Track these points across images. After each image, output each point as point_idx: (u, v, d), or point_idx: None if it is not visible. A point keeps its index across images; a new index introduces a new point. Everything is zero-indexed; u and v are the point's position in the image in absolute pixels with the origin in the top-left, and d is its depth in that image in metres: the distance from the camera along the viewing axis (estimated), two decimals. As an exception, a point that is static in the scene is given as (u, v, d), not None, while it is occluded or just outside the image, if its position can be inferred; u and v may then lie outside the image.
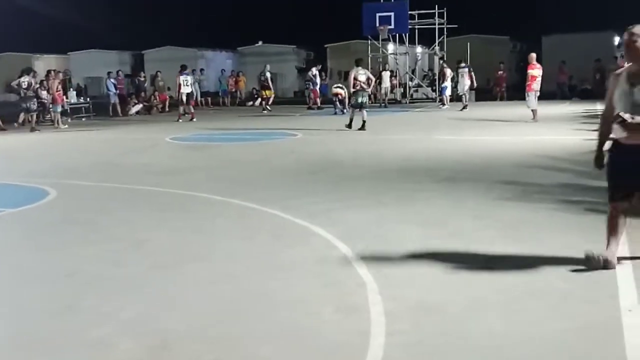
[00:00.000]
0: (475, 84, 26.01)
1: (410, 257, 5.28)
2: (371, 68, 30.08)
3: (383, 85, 27.87)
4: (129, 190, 8.94)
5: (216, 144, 15.38)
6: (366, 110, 16.88)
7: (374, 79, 18.43)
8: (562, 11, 49.05)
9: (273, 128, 18.61)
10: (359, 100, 16.64)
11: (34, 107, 20.14)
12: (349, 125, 16.49)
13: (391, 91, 29.44)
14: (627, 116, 4.57)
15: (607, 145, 4.96)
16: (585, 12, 44.84)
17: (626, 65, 4.96)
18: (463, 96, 24.57)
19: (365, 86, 16.83)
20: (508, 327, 3.80)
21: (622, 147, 4.75)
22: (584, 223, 6.16)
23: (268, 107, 26.21)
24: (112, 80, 26.31)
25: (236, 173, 10.26)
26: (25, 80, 20.03)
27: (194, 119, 21.71)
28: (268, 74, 26.56)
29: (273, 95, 27.08)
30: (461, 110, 22.62)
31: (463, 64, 25.53)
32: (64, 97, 23.48)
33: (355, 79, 16.78)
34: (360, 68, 17.24)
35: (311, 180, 9.26)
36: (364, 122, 16.28)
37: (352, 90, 17.04)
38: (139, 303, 4.44)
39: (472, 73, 25.39)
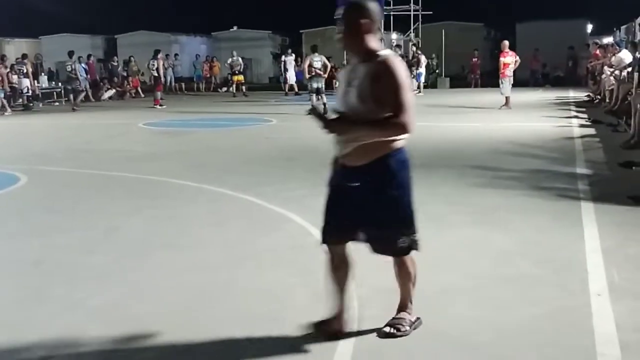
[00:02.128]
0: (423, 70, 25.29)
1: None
2: (346, 54, 30.13)
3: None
4: (101, 176, 8.84)
5: (190, 129, 15.26)
6: (326, 95, 17.11)
7: (329, 66, 18.59)
8: (536, -1, 49.35)
9: (248, 114, 18.51)
10: (314, 85, 17.02)
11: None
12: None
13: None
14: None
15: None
16: (558, 0, 45.17)
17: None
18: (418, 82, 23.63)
19: (320, 72, 17.16)
20: (478, 312, 3.83)
21: (336, 167, 3.52)
22: (555, 208, 6.23)
23: (244, 91, 26.34)
24: (83, 65, 25.90)
25: (210, 159, 10.19)
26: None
27: (157, 106, 21.34)
28: (240, 60, 26.80)
29: (241, 82, 27.03)
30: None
31: (399, 52, 24.49)
32: (35, 81, 23.13)
33: (310, 65, 17.21)
34: (315, 54, 17.54)
35: (286, 166, 9.23)
36: (324, 104, 16.26)
37: (307, 76, 17.37)
38: (109, 291, 4.40)
39: (422, 56, 24.85)
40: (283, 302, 4.08)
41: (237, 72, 26.79)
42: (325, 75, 17.70)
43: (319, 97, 17.17)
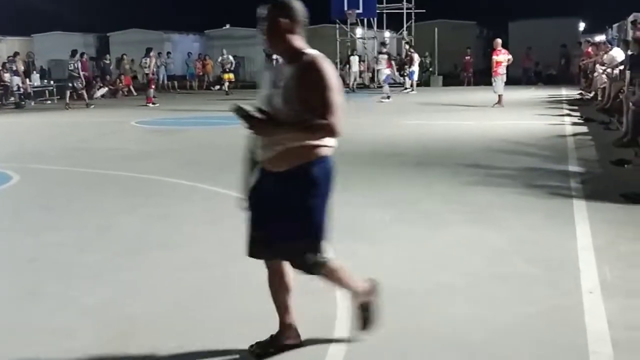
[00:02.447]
0: (395, 74, 24.63)
1: (377, 240, 5.31)
2: (339, 52, 30.14)
3: (352, 70, 27.83)
4: (95, 174, 8.82)
5: (183, 128, 15.24)
6: None
7: None
8: (529, -3, 49.45)
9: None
10: None
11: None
12: None
13: (359, 76, 29.44)
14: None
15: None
16: (550, -1, 45.29)
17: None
18: (385, 86, 21.71)
19: None
20: (472, 311, 3.85)
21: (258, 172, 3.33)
22: (548, 206, 6.26)
23: (224, 89, 26.58)
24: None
25: (204, 157, 10.18)
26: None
27: (150, 104, 21.27)
28: (231, 58, 27.08)
29: (231, 80, 27.13)
30: (380, 100, 20.63)
31: (384, 50, 23.47)
32: (27, 79, 23.03)
33: None
34: None
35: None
36: None
37: None
38: (104, 289, 4.39)
39: (393, 62, 23.83)
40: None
41: (227, 70, 26.87)
42: None
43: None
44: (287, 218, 3.15)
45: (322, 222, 3.23)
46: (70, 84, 21.89)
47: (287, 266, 3.35)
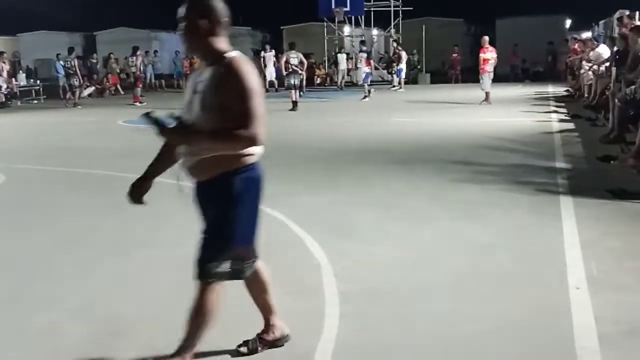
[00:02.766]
0: (373, 72, 24.52)
1: (365, 238, 5.31)
2: (327, 50, 30.12)
3: (339, 68, 27.83)
4: (81, 174, 8.76)
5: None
6: (300, 92, 18.01)
7: (306, 62, 19.09)
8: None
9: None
10: (292, 81, 17.59)
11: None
12: (293, 109, 17.30)
13: (347, 74, 29.43)
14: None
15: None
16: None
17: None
18: (365, 85, 21.48)
19: (297, 68, 17.81)
20: (458, 308, 3.85)
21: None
22: (534, 202, 6.28)
23: None
24: (61, 62, 25.65)
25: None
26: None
27: (138, 103, 21.15)
28: None
29: None
30: (362, 99, 20.47)
31: (363, 48, 23.01)
32: (13, 79, 22.88)
33: (287, 62, 17.92)
34: (292, 51, 18.19)
35: (266, 163, 9.12)
36: (295, 102, 17.27)
37: (284, 72, 18.07)
38: (90, 289, 4.36)
39: (372, 60, 23.62)
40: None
41: None
42: (303, 72, 18.02)
43: (300, 92, 17.81)
44: (207, 228, 3.02)
45: (233, 235, 2.97)
46: (68, 82, 22.12)
47: (261, 266, 3.29)
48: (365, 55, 22.55)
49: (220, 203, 2.94)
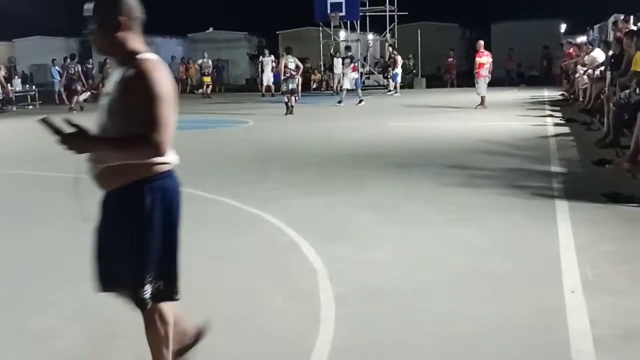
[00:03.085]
0: (361, 78, 24.42)
1: (361, 242, 5.31)
2: (323, 55, 30.16)
3: (335, 73, 27.87)
4: (75, 179, 8.72)
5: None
6: (295, 97, 18.09)
7: (302, 67, 19.26)
8: (511, -1, 49.81)
9: (224, 115, 18.44)
10: (289, 86, 17.76)
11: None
12: (288, 112, 17.50)
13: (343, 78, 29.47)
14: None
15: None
16: (532, 0, 45.64)
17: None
18: (359, 90, 21.55)
19: (294, 73, 17.98)
20: (455, 309, 3.85)
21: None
22: (530, 206, 6.29)
23: (207, 93, 26.84)
24: (57, 67, 25.67)
25: (186, 161, 9.99)
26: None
27: None
28: (209, 62, 27.71)
29: (209, 83, 27.57)
30: (357, 104, 20.54)
31: (348, 53, 22.24)
32: (9, 85, 22.84)
33: (285, 66, 18.01)
34: (290, 56, 18.34)
35: (262, 167, 9.20)
36: (291, 107, 17.50)
37: (282, 77, 18.17)
38: (85, 293, 4.32)
39: (358, 64, 23.12)
40: (258, 302, 4.06)
41: (206, 73, 27.34)
42: (298, 76, 18.17)
43: (295, 97, 17.97)
44: (118, 244, 2.76)
45: (164, 248, 2.77)
46: (73, 87, 22.35)
47: None
48: (349, 60, 22.28)
49: (131, 217, 2.69)
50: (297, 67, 18.18)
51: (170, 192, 2.79)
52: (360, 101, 20.61)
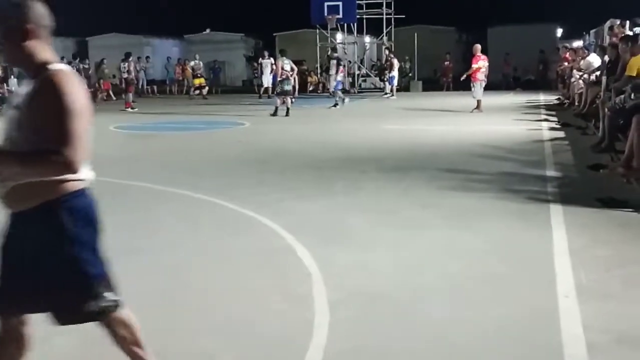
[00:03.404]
0: (345, 80, 24.51)
1: (356, 246, 5.32)
2: (320, 57, 30.19)
3: (331, 75, 27.90)
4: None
5: (162, 133, 15.15)
6: (292, 99, 18.31)
7: (296, 69, 19.31)
8: (507, 3, 49.96)
9: (221, 116, 18.45)
10: (285, 88, 17.97)
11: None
12: (274, 114, 17.68)
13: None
14: None
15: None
16: (529, 5, 45.79)
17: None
18: (335, 92, 21.13)
19: (289, 74, 18.17)
20: (451, 313, 3.86)
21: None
22: (524, 210, 6.31)
23: (202, 94, 26.89)
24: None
25: (182, 163, 10.12)
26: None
27: (130, 109, 21.19)
28: (201, 64, 27.93)
29: (201, 84, 27.65)
30: (333, 106, 20.25)
31: (334, 55, 22.23)
32: (5, 84, 22.82)
33: (281, 68, 18.23)
34: (285, 58, 18.59)
35: (259, 170, 9.21)
36: (287, 109, 17.66)
37: (278, 79, 18.40)
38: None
39: (342, 66, 22.55)
40: (254, 306, 4.07)
41: (198, 75, 27.42)
42: (292, 78, 18.31)
43: (291, 99, 18.21)
44: (45, 268, 2.59)
45: (91, 266, 2.68)
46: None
47: (27, 332, 2.87)
48: (335, 62, 22.11)
49: (50, 241, 2.56)
50: (292, 68, 18.36)
51: (86, 210, 2.66)
52: (336, 105, 20.43)
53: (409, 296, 4.16)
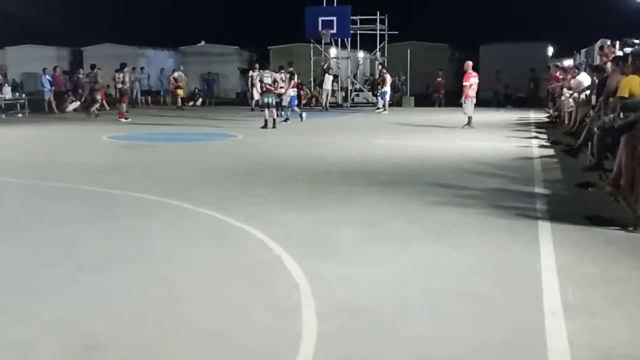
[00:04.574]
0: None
1: (344, 259, 5.32)
2: (313, 71, 30.31)
3: (325, 89, 28.07)
4: (62, 189, 8.71)
5: (155, 143, 15.13)
6: (281, 112, 18.86)
7: (280, 81, 18.98)
8: (499, 21, 50.39)
9: (214, 128, 18.45)
10: (265, 100, 18.22)
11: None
12: (264, 126, 17.82)
13: (332, 94, 29.70)
14: None
15: None
16: (521, 23, 46.21)
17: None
18: (289, 107, 20.75)
19: (271, 87, 18.34)
20: (435, 330, 3.86)
21: None
22: (513, 226, 6.33)
23: (177, 104, 27.73)
24: (47, 76, 25.66)
25: (174, 173, 10.11)
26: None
27: (123, 119, 21.17)
28: (183, 75, 28.76)
29: (180, 95, 28.29)
30: (283, 121, 19.79)
31: (289, 69, 21.61)
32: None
33: (260, 81, 18.65)
34: (266, 70, 19.14)
35: (250, 181, 9.21)
36: (273, 120, 17.97)
37: (259, 91, 18.96)
38: (64, 304, 4.32)
39: (296, 81, 22.16)
40: (240, 317, 4.06)
41: (180, 86, 28.11)
42: (276, 90, 18.50)
43: (281, 113, 18.83)
44: None
45: None
46: (91, 96, 22.86)
47: None
48: (288, 75, 20.99)
49: None
50: (274, 81, 18.46)
51: None
52: (287, 120, 20.13)
53: (394, 311, 4.16)
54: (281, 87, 18.60)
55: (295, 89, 22.21)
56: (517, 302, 4.29)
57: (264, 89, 18.28)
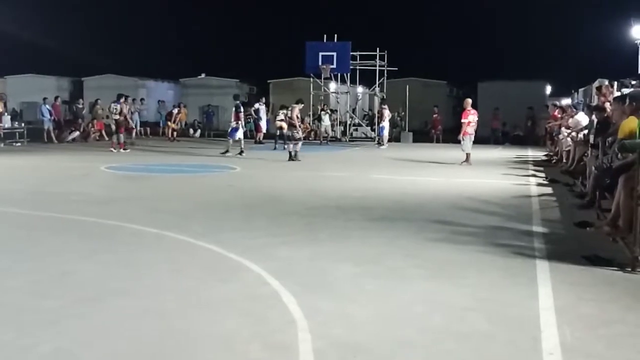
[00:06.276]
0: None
1: (341, 295, 5.29)
2: (312, 105, 30.52)
3: (323, 124, 28.29)
4: (59, 219, 8.69)
5: (153, 174, 15.15)
6: (287, 146, 19.38)
7: (292, 115, 18.97)
8: (498, 59, 50.98)
9: (212, 160, 18.49)
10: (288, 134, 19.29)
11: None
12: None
13: (331, 129, 29.91)
14: None
15: None
16: (519, 61, 46.71)
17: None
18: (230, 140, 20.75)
19: (282, 123, 20.15)
20: (433, 368, 3.83)
21: None
22: (510, 265, 6.31)
23: (175, 138, 28.72)
24: (47, 106, 25.80)
25: (172, 205, 10.11)
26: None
27: (122, 150, 21.23)
28: (175, 110, 30.20)
29: (172, 127, 29.19)
30: (222, 153, 20.44)
31: (236, 102, 21.32)
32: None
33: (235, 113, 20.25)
34: (281, 111, 21.00)
35: (247, 214, 9.21)
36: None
37: (233, 125, 20.56)
38: (59, 337, 4.28)
39: (241, 114, 20.94)
40: (238, 353, 4.02)
41: (174, 120, 29.36)
42: (287, 125, 19.25)
43: (286, 145, 19.52)
44: None
45: None
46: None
47: None
48: (233, 109, 20.85)
49: None
50: (283, 118, 19.75)
51: None
52: (226, 152, 20.33)
53: (391, 349, 4.12)
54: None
55: (239, 121, 20.62)
56: (515, 342, 4.27)
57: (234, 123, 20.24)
